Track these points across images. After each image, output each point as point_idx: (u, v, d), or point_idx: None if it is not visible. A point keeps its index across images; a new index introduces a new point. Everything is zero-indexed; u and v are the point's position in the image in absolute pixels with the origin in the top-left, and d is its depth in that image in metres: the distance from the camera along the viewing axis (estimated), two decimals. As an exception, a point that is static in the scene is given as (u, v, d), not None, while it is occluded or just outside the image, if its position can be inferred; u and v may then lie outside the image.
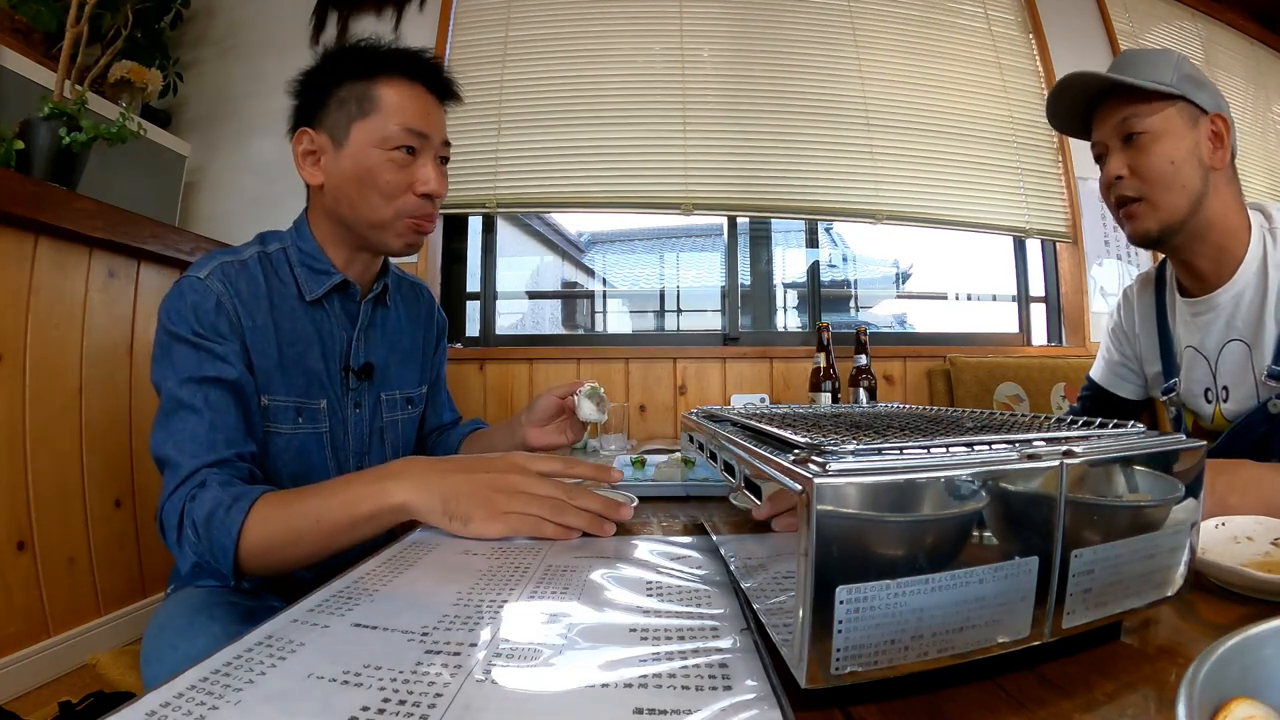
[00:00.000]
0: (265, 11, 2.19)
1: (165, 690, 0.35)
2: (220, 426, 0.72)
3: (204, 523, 0.65)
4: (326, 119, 0.84)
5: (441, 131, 0.89)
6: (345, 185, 0.84)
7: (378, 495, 0.60)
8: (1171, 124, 0.87)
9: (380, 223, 0.85)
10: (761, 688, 0.35)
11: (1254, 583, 0.44)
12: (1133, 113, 0.88)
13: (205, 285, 0.77)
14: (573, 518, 0.55)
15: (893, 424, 0.48)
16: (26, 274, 1.22)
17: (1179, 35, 2.52)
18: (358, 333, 0.90)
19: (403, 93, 0.84)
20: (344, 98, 0.83)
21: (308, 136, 0.85)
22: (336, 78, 0.84)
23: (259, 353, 0.80)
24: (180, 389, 0.72)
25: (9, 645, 1.14)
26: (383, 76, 0.83)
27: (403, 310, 1.02)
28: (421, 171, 0.85)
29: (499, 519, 0.56)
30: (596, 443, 1.56)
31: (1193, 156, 0.87)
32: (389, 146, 0.82)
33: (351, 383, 0.89)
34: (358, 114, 0.83)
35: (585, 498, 0.56)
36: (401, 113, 0.83)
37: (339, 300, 0.90)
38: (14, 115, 1.35)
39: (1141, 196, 0.89)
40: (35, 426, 1.21)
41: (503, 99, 2.10)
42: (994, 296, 2.39)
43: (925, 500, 0.32)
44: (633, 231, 2.61)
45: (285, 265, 0.87)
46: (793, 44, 2.16)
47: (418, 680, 0.36)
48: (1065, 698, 0.33)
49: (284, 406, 0.82)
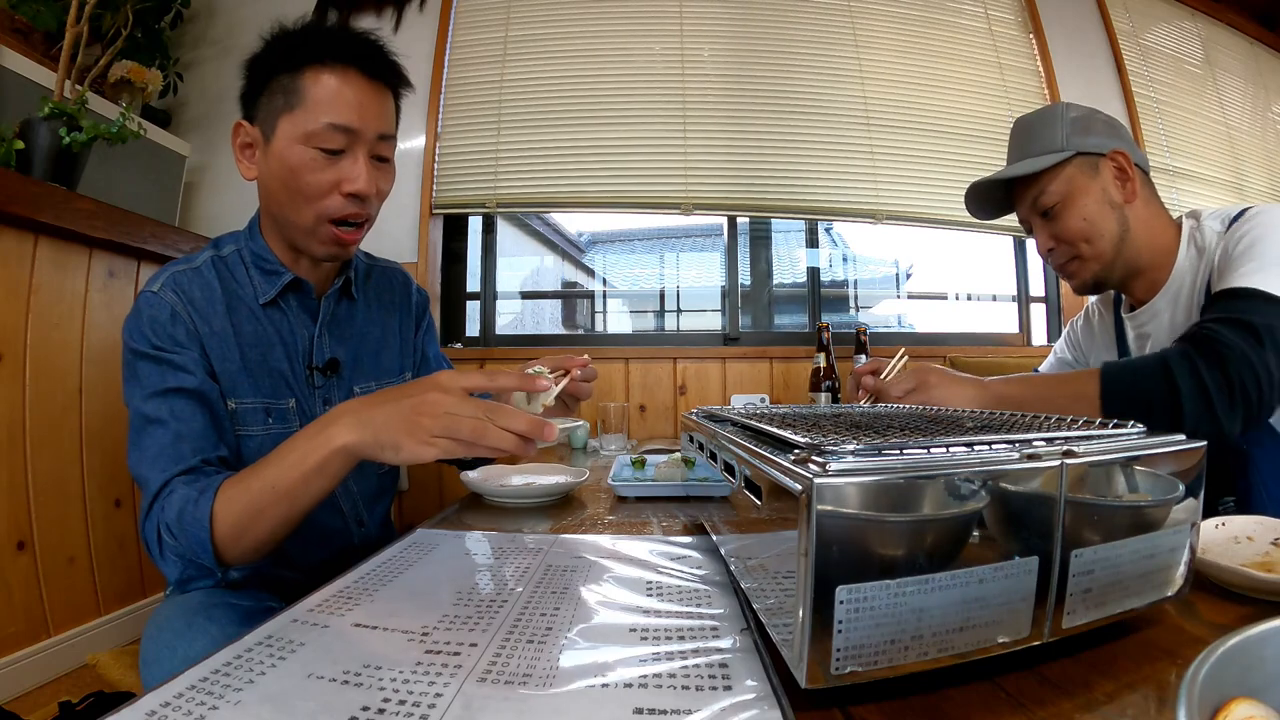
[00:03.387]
0: (265, 11, 2.19)
1: (165, 690, 0.35)
2: (186, 435, 0.72)
3: (176, 522, 0.65)
4: (259, 111, 0.79)
5: (378, 124, 0.79)
6: (272, 184, 0.79)
7: (320, 445, 0.60)
8: (1075, 184, 0.92)
9: (303, 226, 0.79)
10: (761, 688, 0.35)
11: (1254, 583, 0.44)
12: (1038, 190, 0.94)
13: (159, 297, 0.76)
14: (495, 439, 0.53)
15: (893, 424, 0.48)
16: (26, 274, 1.22)
17: (1179, 35, 2.51)
18: (319, 329, 0.88)
19: (331, 83, 0.76)
20: (274, 89, 0.77)
21: (244, 129, 0.81)
22: (271, 67, 0.78)
23: (219, 357, 0.79)
24: (145, 404, 0.72)
25: (9, 645, 1.14)
26: (312, 65, 0.76)
27: (371, 299, 0.98)
28: (349, 169, 0.77)
29: (426, 443, 0.54)
30: (597, 442, 1.56)
31: (1103, 204, 0.92)
32: (313, 144, 0.75)
33: (317, 380, 0.87)
34: (284, 107, 0.76)
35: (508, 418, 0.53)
36: (327, 106, 0.75)
37: (296, 299, 0.87)
38: (14, 115, 1.34)
39: (1072, 257, 0.96)
40: (35, 426, 1.21)
41: (502, 99, 2.09)
42: (994, 296, 2.39)
43: (925, 500, 0.32)
44: (633, 231, 2.61)
45: (241, 266, 0.85)
46: (793, 44, 2.16)
47: (418, 680, 0.36)
48: (1065, 698, 0.33)
49: (252, 409, 0.81)
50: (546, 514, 0.84)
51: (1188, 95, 2.42)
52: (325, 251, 0.82)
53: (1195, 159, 2.32)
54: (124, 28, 1.68)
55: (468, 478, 0.96)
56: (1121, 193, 0.92)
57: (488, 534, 0.73)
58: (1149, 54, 2.41)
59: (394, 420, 0.57)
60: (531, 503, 0.89)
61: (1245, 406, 0.71)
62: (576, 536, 0.70)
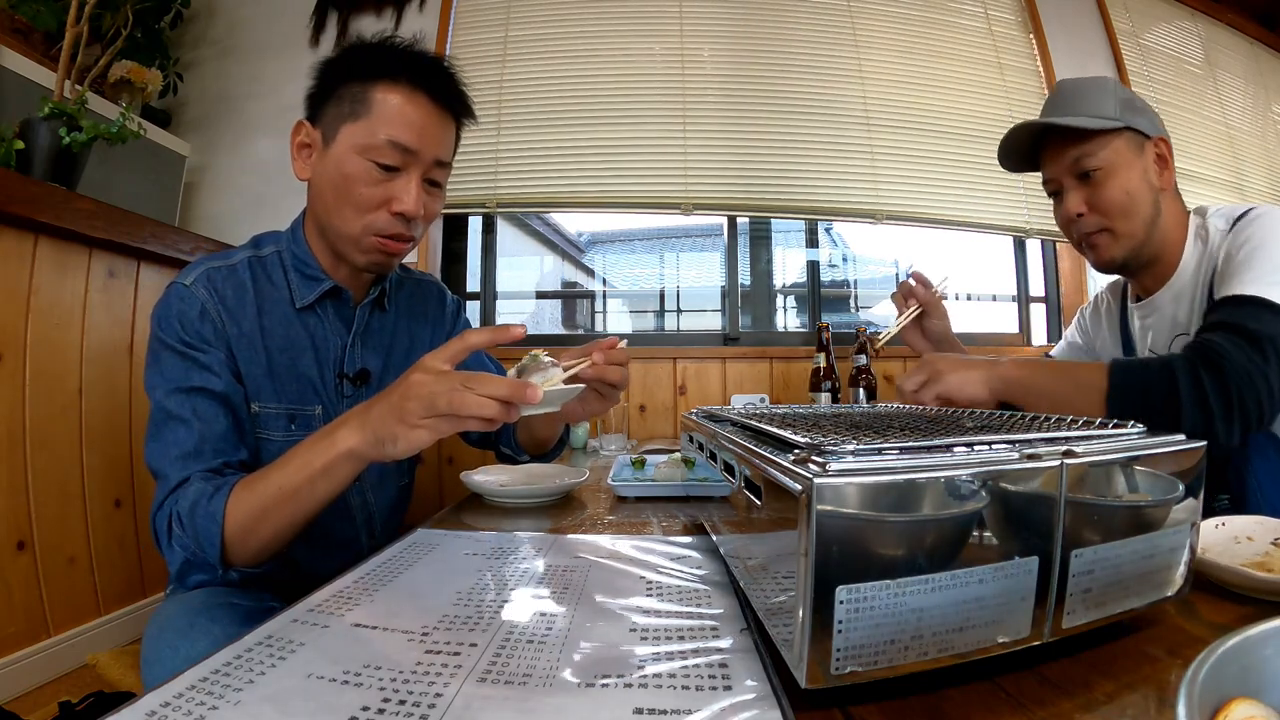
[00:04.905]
0: (265, 11, 2.19)
1: (165, 690, 0.35)
2: (209, 437, 0.72)
3: (188, 513, 0.66)
4: (324, 115, 0.81)
5: (436, 149, 0.80)
6: (324, 188, 0.80)
7: (326, 448, 0.61)
8: (1122, 156, 0.90)
9: (348, 235, 0.80)
10: (761, 688, 0.35)
11: (1254, 583, 0.44)
12: (1083, 151, 0.91)
13: (190, 292, 0.77)
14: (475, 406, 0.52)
15: (893, 424, 0.48)
16: (26, 274, 1.22)
17: (1179, 35, 2.51)
18: (352, 338, 0.88)
19: (399, 101, 0.77)
20: (342, 95, 0.79)
21: (305, 129, 0.82)
22: (343, 73, 0.80)
23: (246, 360, 0.79)
24: (169, 399, 0.73)
25: (9, 645, 1.14)
26: (384, 80, 0.77)
27: (403, 311, 0.99)
28: (401, 188, 0.78)
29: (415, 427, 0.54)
30: (597, 442, 1.55)
31: (1144, 183, 0.91)
32: (370, 157, 0.76)
33: (346, 390, 0.87)
34: (349, 115, 0.78)
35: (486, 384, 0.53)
36: (391, 123, 0.76)
37: (332, 306, 0.87)
38: (14, 115, 1.34)
39: (1103, 229, 0.93)
40: (35, 426, 1.21)
41: (503, 99, 2.09)
42: (994, 296, 2.39)
43: (925, 500, 0.32)
44: (633, 231, 2.61)
45: (279, 269, 0.85)
46: (793, 44, 2.16)
47: (418, 680, 0.36)
48: (1065, 698, 0.33)
49: (275, 414, 0.81)
50: (546, 514, 0.84)
51: (1188, 95, 2.42)
52: (368, 261, 0.82)
53: (1195, 159, 2.32)
54: (124, 28, 1.68)
55: (468, 478, 0.96)
56: (1160, 179, 0.92)
57: (488, 534, 0.73)
58: (1149, 54, 2.41)
59: (386, 414, 0.57)
60: (531, 503, 0.89)
61: (1243, 418, 0.72)
62: (576, 536, 0.70)
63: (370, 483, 0.91)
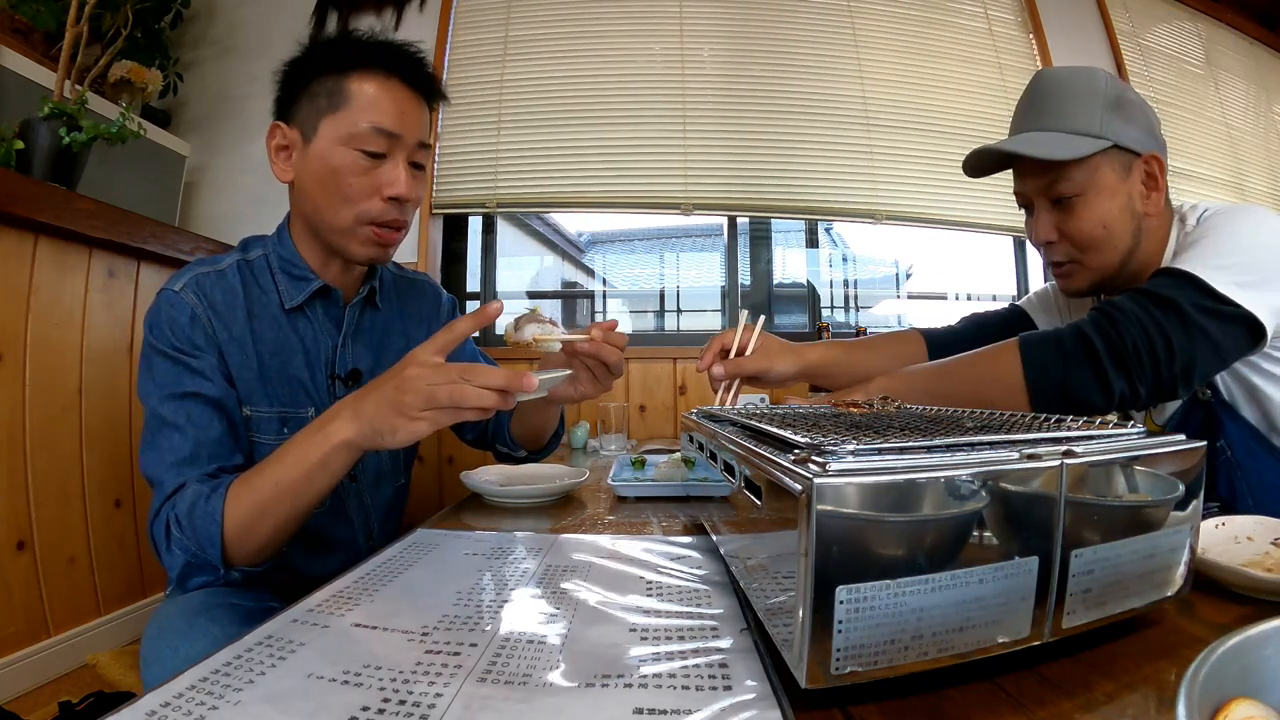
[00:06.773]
0: (265, 11, 2.19)
1: (165, 690, 0.35)
2: (204, 442, 0.72)
3: (187, 515, 0.65)
4: (299, 113, 0.80)
5: (417, 132, 0.81)
6: (311, 185, 0.80)
7: (321, 441, 0.61)
8: (1103, 180, 0.79)
9: (341, 228, 0.80)
10: (761, 688, 0.35)
11: (1254, 583, 0.44)
12: (1058, 175, 0.80)
13: (180, 298, 0.77)
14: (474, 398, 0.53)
15: (893, 424, 0.48)
16: (26, 274, 1.22)
17: (1179, 35, 2.51)
18: (343, 338, 0.88)
19: (376, 88, 0.78)
20: (315, 91, 0.79)
21: (280, 130, 0.82)
22: (313, 69, 0.80)
23: (237, 364, 0.79)
24: (162, 406, 0.73)
25: (9, 645, 1.14)
26: (357, 70, 0.78)
27: (396, 309, 0.98)
28: (390, 173, 0.79)
29: (414, 420, 0.55)
30: (597, 442, 1.55)
31: (1125, 213, 0.80)
32: (355, 146, 0.77)
33: (339, 390, 0.86)
34: (327, 108, 0.78)
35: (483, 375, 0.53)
36: (371, 110, 0.77)
37: (322, 306, 0.87)
38: (14, 115, 1.34)
39: (1073, 260, 0.84)
40: (35, 426, 1.21)
41: (503, 99, 2.10)
42: (994, 296, 2.39)
43: (925, 500, 0.32)
44: (633, 231, 2.61)
45: (267, 272, 0.85)
46: (792, 44, 2.16)
47: (417, 680, 0.36)
48: (1065, 698, 0.33)
49: (267, 417, 0.81)
50: (546, 514, 0.84)
51: (1188, 95, 2.43)
52: (364, 253, 0.82)
53: (1195, 159, 2.32)
54: (124, 28, 1.68)
55: (468, 478, 0.96)
56: (1145, 204, 0.81)
57: (488, 534, 0.73)
58: (1149, 54, 2.41)
59: (382, 406, 0.57)
60: (531, 503, 0.89)
61: (1138, 369, 0.66)
62: (576, 536, 0.70)
63: (367, 484, 0.91)
